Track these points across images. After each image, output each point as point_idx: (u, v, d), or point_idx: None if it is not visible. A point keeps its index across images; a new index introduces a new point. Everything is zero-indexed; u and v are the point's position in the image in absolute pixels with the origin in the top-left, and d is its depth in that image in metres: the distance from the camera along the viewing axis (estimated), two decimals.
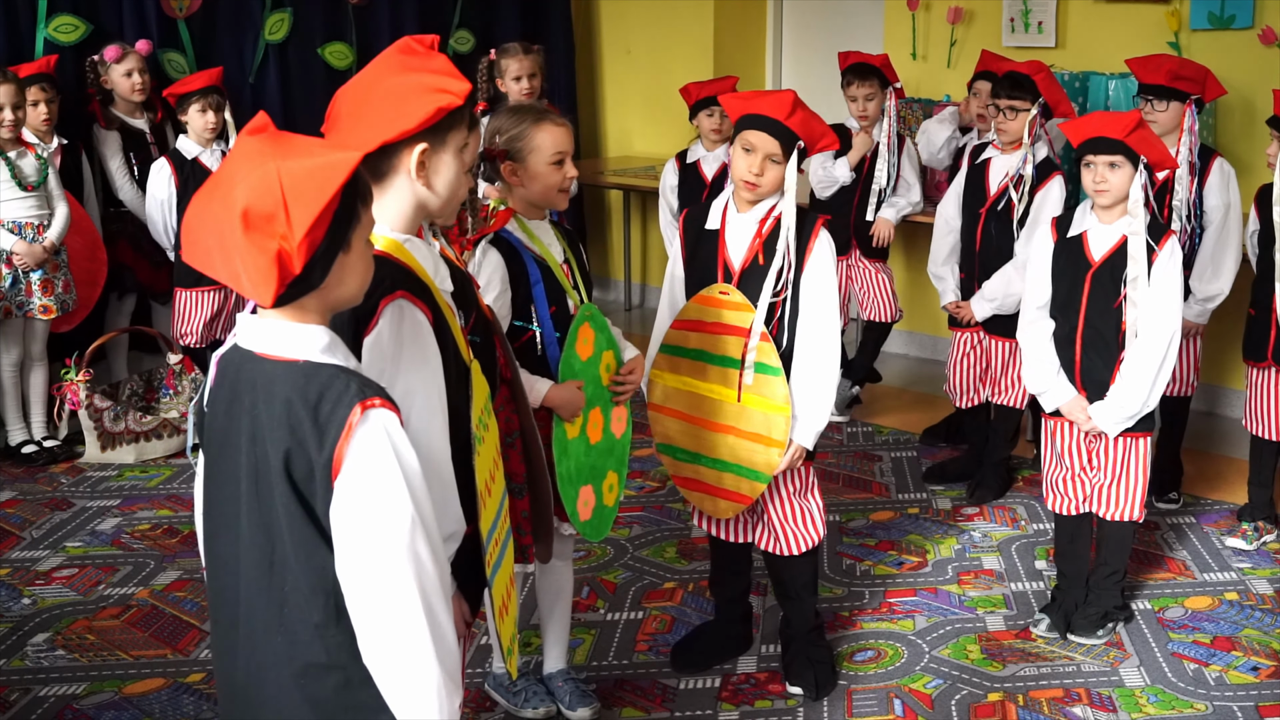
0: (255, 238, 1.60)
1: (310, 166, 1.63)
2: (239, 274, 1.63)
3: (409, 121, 2.00)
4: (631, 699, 3.25)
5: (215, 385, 1.77)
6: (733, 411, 3.03)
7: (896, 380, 5.91)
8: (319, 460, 1.63)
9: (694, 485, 3.15)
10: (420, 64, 2.07)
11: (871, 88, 4.98)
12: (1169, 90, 4.17)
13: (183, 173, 4.97)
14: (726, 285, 3.03)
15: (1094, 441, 3.44)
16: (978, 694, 3.26)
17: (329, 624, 1.69)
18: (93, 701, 3.24)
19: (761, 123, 2.96)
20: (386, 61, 2.08)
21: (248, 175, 1.62)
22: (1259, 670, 3.36)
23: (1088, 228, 3.38)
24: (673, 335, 3.10)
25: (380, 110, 2.01)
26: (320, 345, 1.70)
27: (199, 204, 1.68)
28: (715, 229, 3.08)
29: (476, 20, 6.70)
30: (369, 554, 1.64)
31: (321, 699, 1.71)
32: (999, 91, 4.32)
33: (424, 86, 2.02)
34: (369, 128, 2.00)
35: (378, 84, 2.05)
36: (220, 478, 1.75)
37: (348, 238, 1.69)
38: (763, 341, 2.98)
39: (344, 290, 1.73)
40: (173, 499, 4.54)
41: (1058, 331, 3.44)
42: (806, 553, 3.18)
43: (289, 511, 1.66)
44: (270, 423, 1.66)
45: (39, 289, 4.66)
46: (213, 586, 1.82)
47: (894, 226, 5.11)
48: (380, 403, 1.65)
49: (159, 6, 5.46)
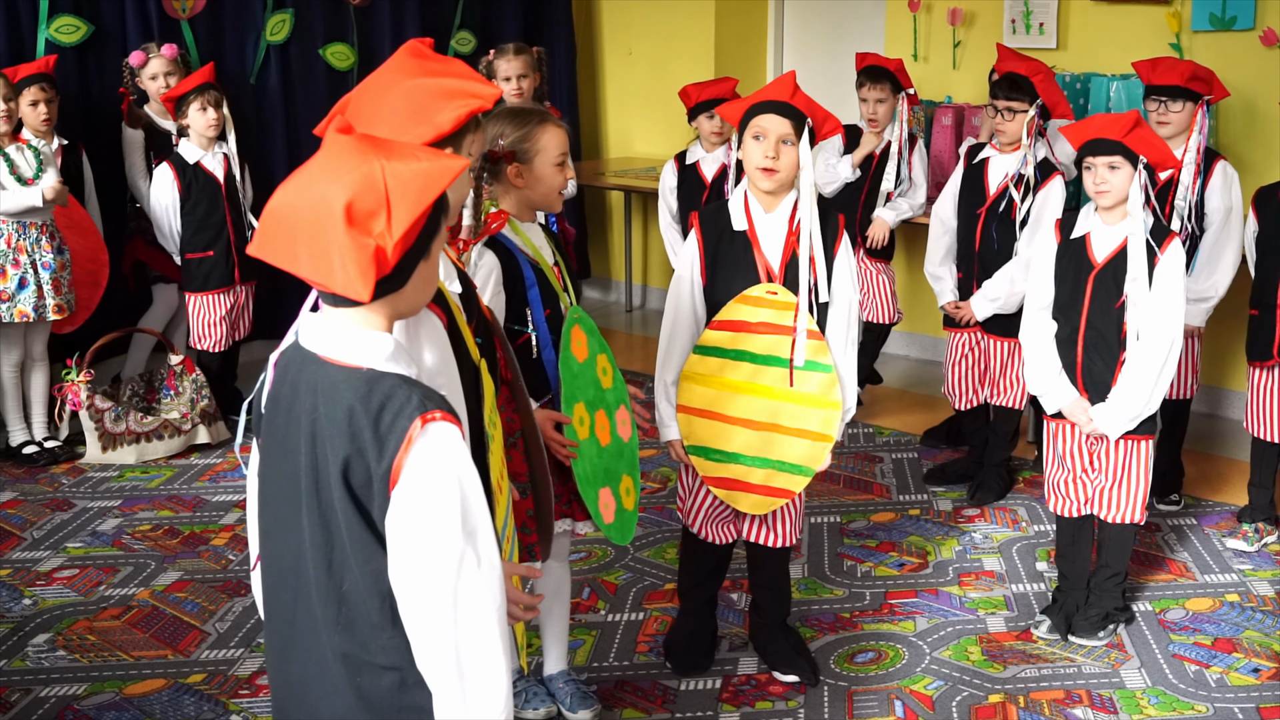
0: (355, 233, 1.60)
1: (415, 169, 1.64)
2: (333, 268, 1.62)
3: (442, 125, 2.01)
4: (632, 700, 3.25)
5: (275, 384, 1.77)
6: (777, 409, 3.04)
7: (897, 382, 5.92)
8: (378, 471, 1.64)
9: (728, 484, 3.13)
10: (441, 68, 2.08)
11: (883, 91, 4.97)
12: (1184, 91, 4.18)
13: (184, 177, 4.98)
14: (774, 285, 3.03)
15: (1095, 443, 3.44)
16: (978, 695, 3.26)
17: (386, 625, 1.69)
18: (93, 702, 3.24)
19: (769, 106, 2.97)
20: (402, 65, 2.08)
21: (350, 171, 1.62)
22: (1260, 672, 3.36)
23: (1091, 229, 3.38)
24: (712, 336, 3.07)
25: (407, 113, 2.01)
26: (385, 353, 1.70)
27: (287, 196, 1.66)
28: (743, 230, 3.07)
29: (477, 21, 6.70)
30: (422, 566, 1.64)
31: (376, 698, 1.72)
32: (997, 92, 4.33)
33: (454, 90, 2.03)
34: (394, 131, 1.98)
35: (396, 87, 2.04)
36: (279, 476, 1.76)
37: (430, 246, 1.71)
38: (813, 339, 3.00)
39: (416, 298, 1.75)
40: (174, 500, 4.54)
41: (1060, 333, 3.44)
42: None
43: (346, 515, 1.67)
44: (331, 428, 1.66)
45: (50, 289, 4.66)
46: (268, 584, 1.83)
47: (890, 228, 5.11)
48: (441, 415, 1.65)
49: (161, 7, 5.47)
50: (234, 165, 5.06)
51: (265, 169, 5.64)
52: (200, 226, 5.02)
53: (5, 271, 4.58)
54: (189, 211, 5.00)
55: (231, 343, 5.18)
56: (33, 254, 4.62)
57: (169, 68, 5.16)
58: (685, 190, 5.18)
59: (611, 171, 6.91)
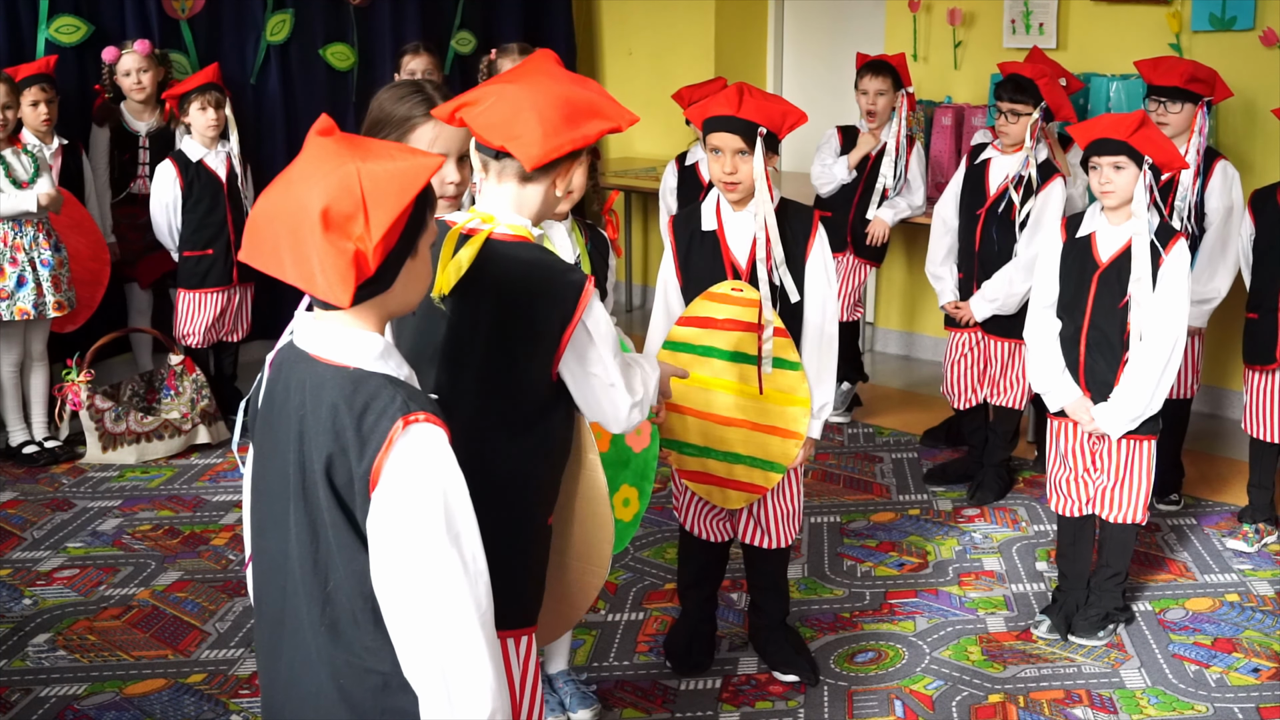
0: (333, 238, 1.60)
1: (390, 170, 1.64)
2: (314, 274, 1.63)
3: (588, 136, 2.10)
4: (632, 700, 3.26)
5: (270, 382, 1.78)
6: (747, 405, 3.06)
7: (897, 381, 5.92)
8: (358, 471, 1.64)
9: (702, 478, 3.17)
10: (585, 81, 2.18)
11: (884, 83, 4.97)
12: (1183, 92, 4.18)
13: (187, 175, 4.99)
14: (739, 282, 3.05)
15: (1098, 443, 3.44)
16: (978, 695, 3.26)
17: (369, 626, 1.68)
18: (94, 702, 3.24)
19: (717, 123, 3.00)
20: (551, 71, 2.15)
21: (326, 175, 1.62)
22: (1260, 672, 3.36)
23: (1096, 229, 3.38)
24: (679, 332, 3.11)
25: (562, 116, 2.08)
26: (374, 353, 1.70)
27: (268, 203, 1.67)
28: (713, 229, 3.10)
29: (478, 21, 6.69)
30: (401, 569, 1.64)
31: (358, 700, 1.71)
32: (1001, 94, 4.33)
33: (600, 107, 2.12)
34: (546, 125, 2.06)
35: (551, 89, 2.10)
36: (270, 474, 1.76)
37: (416, 244, 1.71)
38: (779, 336, 3.02)
39: (406, 296, 1.74)
40: (174, 500, 4.54)
41: (1063, 332, 3.44)
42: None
43: (331, 515, 1.67)
44: (316, 426, 1.66)
45: (49, 286, 4.66)
46: (258, 582, 1.83)
47: (890, 227, 5.11)
48: (425, 418, 1.65)
49: (161, 8, 5.47)
50: (236, 165, 5.07)
51: (265, 169, 5.62)
52: (201, 224, 5.03)
53: (3, 270, 4.58)
54: (190, 209, 5.01)
55: (212, 342, 5.19)
56: (30, 252, 4.62)
57: (143, 64, 5.11)
58: (685, 191, 5.18)
59: (611, 172, 6.90)
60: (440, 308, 2.09)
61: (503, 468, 2.12)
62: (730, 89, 3.03)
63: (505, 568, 1.97)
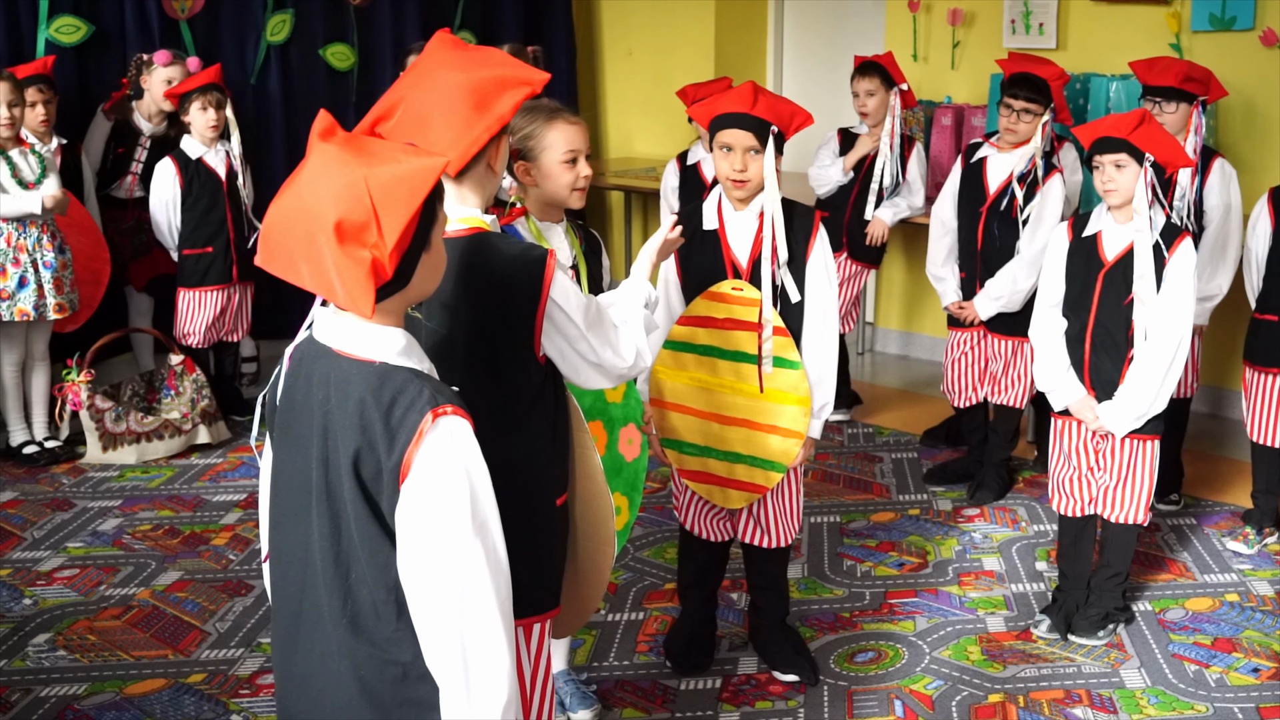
0: (349, 249, 1.62)
1: (398, 174, 1.65)
2: (332, 284, 1.64)
3: (504, 113, 2.07)
4: (632, 700, 3.26)
5: (289, 377, 1.79)
6: (747, 405, 3.06)
7: (897, 381, 5.92)
8: (388, 464, 1.66)
9: (703, 478, 3.17)
10: (483, 57, 2.12)
11: (872, 84, 4.97)
12: (1178, 92, 4.17)
13: (187, 173, 4.99)
14: (739, 281, 3.05)
15: (1101, 442, 3.44)
16: (978, 695, 3.26)
17: (391, 618, 1.71)
18: (94, 702, 3.24)
19: (730, 120, 3.00)
20: (444, 60, 2.11)
21: (333, 184, 1.63)
22: (1259, 672, 3.36)
23: (1102, 228, 3.39)
24: (680, 332, 3.11)
25: (468, 106, 2.05)
26: (397, 348, 1.72)
27: (280, 212, 1.68)
28: (714, 229, 3.10)
29: (477, 21, 6.69)
30: (431, 560, 1.66)
31: (378, 691, 1.73)
32: (1015, 92, 4.30)
33: (505, 80, 2.08)
34: (458, 125, 2.04)
35: (447, 81, 2.07)
36: (290, 468, 1.77)
37: (429, 238, 1.73)
38: (779, 335, 3.02)
39: (424, 286, 1.77)
40: (174, 499, 4.54)
41: (1068, 330, 3.44)
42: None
43: (355, 508, 1.68)
44: (342, 421, 1.68)
45: (51, 288, 4.66)
46: (276, 575, 1.84)
47: (889, 227, 5.11)
48: (452, 410, 1.67)
49: (160, 8, 5.47)
50: (236, 164, 5.07)
51: (265, 169, 5.64)
52: (200, 223, 5.04)
53: (5, 270, 4.57)
54: (190, 207, 5.02)
55: (212, 342, 5.19)
56: (33, 253, 4.61)
57: (182, 75, 5.14)
58: (687, 190, 5.18)
59: (612, 172, 6.90)
60: (417, 316, 2.11)
61: (511, 457, 2.15)
62: (744, 86, 3.03)
63: (526, 553, 2.02)
